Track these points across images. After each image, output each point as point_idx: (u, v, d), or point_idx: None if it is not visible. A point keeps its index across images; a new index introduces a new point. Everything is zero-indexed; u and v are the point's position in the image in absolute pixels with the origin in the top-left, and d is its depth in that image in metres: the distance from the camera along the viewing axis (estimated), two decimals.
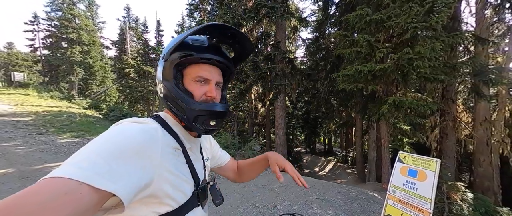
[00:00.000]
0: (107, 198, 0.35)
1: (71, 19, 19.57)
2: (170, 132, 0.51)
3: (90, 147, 0.36)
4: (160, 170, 0.43)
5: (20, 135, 5.15)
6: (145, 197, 0.42)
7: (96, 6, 23.79)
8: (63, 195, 0.29)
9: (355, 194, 3.59)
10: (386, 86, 5.17)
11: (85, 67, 20.20)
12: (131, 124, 0.44)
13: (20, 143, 4.62)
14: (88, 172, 0.32)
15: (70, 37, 19.23)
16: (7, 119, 6.65)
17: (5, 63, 28.79)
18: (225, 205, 2.69)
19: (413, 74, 4.34)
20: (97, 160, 0.34)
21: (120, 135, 0.40)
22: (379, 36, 4.67)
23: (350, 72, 4.73)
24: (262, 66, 7.36)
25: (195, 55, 0.50)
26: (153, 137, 0.44)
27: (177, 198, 0.47)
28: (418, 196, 1.98)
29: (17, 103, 10.29)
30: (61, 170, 0.32)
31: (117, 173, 0.35)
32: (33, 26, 20.79)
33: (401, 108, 4.65)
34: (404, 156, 2.23)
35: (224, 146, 6.02)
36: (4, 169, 3.28)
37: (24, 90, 15.56)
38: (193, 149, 0.57)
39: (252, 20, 7.27)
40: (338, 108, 9.59)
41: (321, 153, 16.32)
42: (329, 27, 8.92)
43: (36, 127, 6.02)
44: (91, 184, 0.32)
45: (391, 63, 4.34)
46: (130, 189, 0.36)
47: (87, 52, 20.10)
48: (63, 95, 16.14)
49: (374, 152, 7.51)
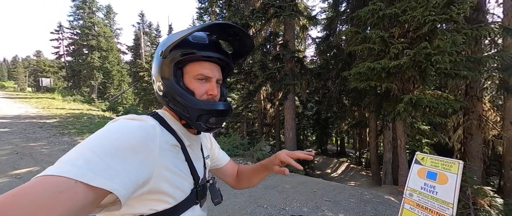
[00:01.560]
0: (104, 195, 0.34)
1: (91, 27, 20.89)
2: (168, 129, 0.50)
3: (85, 144, 0.36)
4: (158, 167, 0.42)
5: (45, 135, 5.56)
6: (142, 194, 0.41)
7: (113, 14, 25.19)
8: (57, 193, 0.29)
9: (369, 197, 3.42)
10: (402, 84, 4.90)
11: (103, 72, 21.44)
12: (128, 121, 0.43)
13: (45, 143, 4.98)
14: (83, 170, 0.32)
15: (90, 44, 20.53)
16: (34, 121, 7.22)
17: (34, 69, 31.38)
18: (233, 206, 2.68)
19: (431, 70, 4.07)
20: (92, 158, 0.33)
21: (117, 132, 0.39)
22: (394, 31, 4.45)
23: (362, 69, 4.55)
24: (270, 66, 7.32)
25: (197, 53, 0.49)
26: (151, 134, 0.43)
27: (175, 196, 0.47)
28: (438, 200, 1.84)
29: (44, 106, 11.15)
30: (56, 168, 0.32)
31: (114, 170, 0.34)
32: (58, 34, 22.46)
33: (419, 106, 4.38)
34: (422, 157, 2.08)
35: (233, 147, 6.05)
36: (31, 167, 3.55)
37: (50, 94, 16.82)
38: (192, 147, 0.56)
39: (260, 20, 7.27)
40: (350, 108, 9.27)
41: (333, 154, 15.86)
42: (340, 24, 8.66)
43: (60, 129, 6.47)
44: (87, 182, 0.31)
45: (407, 59, 4.11)
46: (127, 187, 0.35)
47: (105, 57, 21.32)
48: (84, 98, 17.24)
49: (390, 154, 7.14)
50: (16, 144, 4.65)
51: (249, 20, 7.28)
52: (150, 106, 20.85)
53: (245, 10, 8.14)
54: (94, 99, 18.77)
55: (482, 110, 6.24)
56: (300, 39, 10.46)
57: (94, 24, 21.03)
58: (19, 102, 12.29)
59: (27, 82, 32.80)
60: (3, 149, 4.31)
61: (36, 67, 30.65)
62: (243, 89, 9.65)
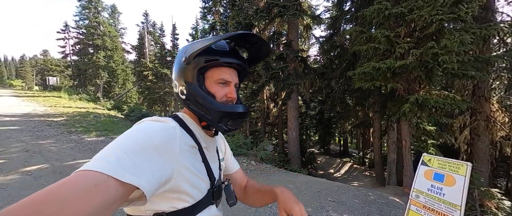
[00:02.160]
0: (132, 191, 0.37)
1: (96, 26, 21.16)
2: (187, 131, 0.53)
3: (116, 143, 0.39)
4: (178, 166, 0.45)
5: (54, 133, 5.69)
6: (164, 192, 0.44)
7: (118, 14, 25.45)
8: (93, 186, 0.32)
9: (373, 198, 3.41)
10: (407, 84, 4.85)
11: (108, 71, 21.71)
12: (152, 123, 0.46)
13: (53, 141, 5.10)
14: (115, 167, 0.35)
15: (95, 43, 20.80)
16: (43, 120, 7.38)
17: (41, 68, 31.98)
18: (238, 204, 2.70)
19: (438, 70, 4.02)
20: (122, 156, 0.37)
21: (142, 132, 0.43)
22: (400, 31, 4.40)
23: (367, 69, 4.51)
24: (274, 65, 7.31)
25: (220, 59, 0.53)
26: (172, 135, 0.46)
27: (193, 195, 0.49)
28: (445, 202, 1.82)
29: (51, 105, 11.37)
30: (92, 163, 0.35)
31: (140, 168, 0.37)
32: (64, 34, 22.80)
33: (425, 107, 4.33)
34: (429, 159, 2.07)
35: (237, 146, 6.08)
36: (41, 164, 3.65)
37: (57, 93, 17.13)
38: (209, 149, 0.58)
39: (264, 19, 7.26)
40: (354, 108, 9.20)
41: (336, 154, 15.78)
42: (344, 23, 8.59)
43: (67, 127, 6.60)
44: (118, 178, 0.34)
45: (413, 59, 4.06)
46: (152, 183, 0.38)
47: (110, 57, 21.57)
48: (90, 97, 17.49)
49: (394, 154, 7.07)
50: (26, 142, 4.76)
51: (252, 19, 7.28)
52: (154, 105, 21.04)
53: (248, 10, 8.14)
54: (100, 97, 19.03)
55: (490, 110, 6.12)
56: (304, 39, 10.42)
57: (99, 24, 21.29)
58: (27, 100, 12.56)
59: (35, 80, 33.48)
60: (14, 146, 4.43)
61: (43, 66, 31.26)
62: (246, 88, 9.66)
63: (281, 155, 7.81)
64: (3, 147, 4.28)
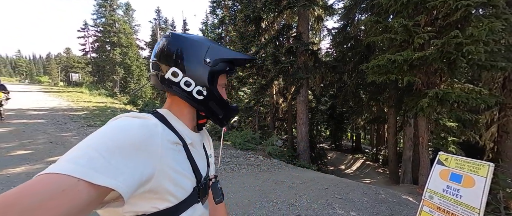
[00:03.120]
0: (106, 193, 0.34)
1: (112, 24, 22.00)
2: (169, 127, 0.50)
3: (87, 142, 0.36)
4: (160, 165, 0.42)
5: (75, 127, 6.10)
6: (145, 192, 0.41)
7: (132, 11, 26.18)
8: (60, 192, 0.29)
9: (384, 196, 3.28)
10: (426, 77, 4.52)
11: (124, 67, 22.66)
12: (130, 119, 0.43)
13: (74, 133, 5.47)
14: (85, 168, 0.32)
15: (111, 41, 21.71)
16: (66, 113, 7.94)
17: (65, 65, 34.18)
18: (243, 199, 2.74)
19: (462, 61, 3.68)
20: (94, 156, 0.33)
21: (119, 130, 0.39)
22: (419, 19, 4.06)
23: (381, 62, 4.26)
24: (283, 59, 7.15)
25: (233, 68, 0.60)
26: (153, 132, 0.43)
27: (177, 194, 0.47)
28: (462, 204, 1.70)
29: (73, 99, 12.17)
30: (58, 166, 0.31)
31: (116, 168, 0.34)
32: (84, 32, 24.06)
33: (445, 102, 4.02)
34: (446, 158, 1.92)
35: (245, 141, 6.12)
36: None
37: (79, 89, 18.29)
38: (195, 144, 0.56)
39: (272, 12, 7.07)
40: (367, 103, 8.82)
41: (347, 150, 15.38)
42: (359, 13, 8.12)
43: (87, 120, 7.04)
44: (89, 180, 0.31)
45: (434, 49, 3.75)
46: (130, 184, 0.35)
47: (125, 53, 22.44)
48: (107, 92, 18.48)
49: (410, 151, 6.73)
50: (50, 134, 5.17)
51: (261, 12, 7.12)
52: None
53: (257, 2, 7.96)
54: (117, 93, 20.04)
55: None
56: (315, 31, 10.03)
57: (115, 21, 22.12)
58: (53, 95, 13.55)
59: (59, 77, 35.96)
60: (41, 138, 4.82)
61: (66, 63, 33.37)
62: (255, 83, 9.60)
63: (290, 150, 7.76)
64: (31, 139, 4.68)
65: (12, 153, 3.80)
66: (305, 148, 7.32)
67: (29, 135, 4.96)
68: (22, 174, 3.06)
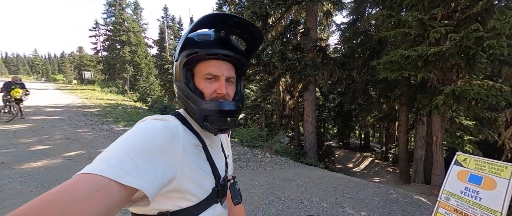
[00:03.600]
0: (134, 192, 0.36)
1: (122, 23, 22.49)
2: (190, 128, 0.51)
3: (118, 144, 0.38)
4: (181, 166, 0.44)
5: (89, 123, 6.34)
6: (168, 191, 0.43)
7: (140, 10, 26.61)
8: (94, 191, 0.31)
9: (395, 196, 3.20)
10: (442, 73, 4.32)
11: (134, 65, 23.20)
12: (154, 122, 0.45)
13: (88, 130, 5.69)
14: (116, 169, 0.34)
15: (121, 39, 22.23)
16: (80, 110, 8.25)
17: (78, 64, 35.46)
18: (251, 196, 2.76)
19: (482, 56, 3.48)
20: (124, 157, 0.36)
21: (144, 132, 0.41)
22: (436, 12, 3.86)
23: (394, 58, 4.11)
24: (290, 56, 7.05)
25: (200, 51, 0.48)
26: (175, 134, 0.45)
27: (197, 194, 0.48)
28: (482, 207, 1.62)
29: (87, 97, 12.63)
30: (93, 166, 0.34)
31: (142, 169, 0.36)
32: (95, 31, 24.74)
33: (462, 99, 3.83)
34: (464, 159, 1.84)
35: (252, 138, 6.13)
36: (79, 150, 4.12)
37: (92, 86, 18.93)
38: (213, 146, 0.56)
39: (280, 8, 6.96)
40: (377, 100, 8.57)
41: (355, 148, 15.12)
42: (369, 7, 7.83)
43: (100, 117, 7.29)
44: (119, 181, 0.33)
45: (451, 44, 3.57)
46: (154, 185, 0.37)
47: (134, 51, 22.94)
48: (118, 90, 19.02)
49: (422, 150, 6.51)
50: (66, 130, 5.39)
51: (268, 8, 7.02)
52: (174, 97, 22.12)
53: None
54: (127, 90, 20.60)
55: None
56: (323, 26, 9.79)
57: (124, 20, 22.60)
58: (67, 93, 14.12)
59: (73, 75, 37.37)
60: (57, 134, 5.05)
61: (79, 61, 34.59)
62: (262, 80, 9.56)
63: (297, 148, 7.71)
64: (49, 135, 4.91)
65: (32, 148, 4.00)
66: (312, 146, 7.25)
67: (47, 131, 5.21)
68: (41, 168, 3.22)
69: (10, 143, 4.13)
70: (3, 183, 2.68)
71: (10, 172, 3.00)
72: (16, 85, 6.02)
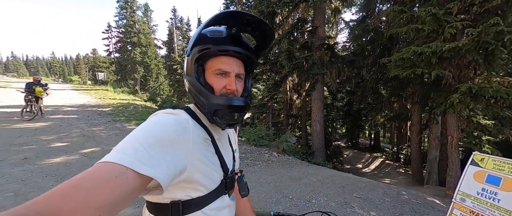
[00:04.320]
0: (149, 181, 0.38)
1: (132, 25, 23.20)
2: (199, 123, 0.53)
3: (133, 136, 0.41)
4: (192, 158, 0.46)
5: (103, 122, 6.61)
6: (179, 182, 0.45)
7: (150, 12, 27.32)
8: (113, 178, 0.34)
9: (407, 197, 3.10)
10: (458, 70, 4.13)
11: (144, 66, 23.88)
12: (166, 115, 0.47)
13: (102, 128, 5.94)
14: (132, 159, 0.36)
15: (132, 41, 22.94)
16: (94, 110, 8.62)
17: (92, 65, 37.00)
18: (258, 194, 2.78)
19: (502, 52, 3.30)
20: (139, 148, 0.38)
21: (156, 125, 0.44)
22: (451, 7, 3.70)
23: (406, 55, 3.97)
24: (297, 55, 6.99)
25: (213, 47, 0.49)
26: (185, 128, 0.47)
27: (207, 185, 0.50)
28: (501, 209, 1.54)
29: (100, 97, 13.16)
30: (112, 155, 0.37)
31: (156, 160, 0.39)
32: (107, 34, 25.68)
33: (480, 97, 3.64)
34: (481, 158, 1.75)
35: (259, 137, 6.14)
36: (94, 147, 4.31)
37: (105, 87, 19.68)
38: (221, 140, 0.58)
39: (287, 6, 6.91)
40: (388, 99, 8.32)
41: (365, 148, 14.75)
42: (379, 3, 7.61)
43: (113, 116, 7.59)
44: (135, 170, 0.36)
45: (468, 40, 3.40)
46: (167, 174, 0.40)
47: (144, 52, 23.60)
48: (129, 90, 19.65)
49: (436, 151, 6.26)
50: (82, 128, 5.66)
51: (275, 7, 6.99)
52: (183, 96, 22.56)
53: None
54: (137, 90, 21.25)
55: None
56: (331, 24, 9.63)
57: (135, 22, 23.30)
58: (82, 93, 14.78)
59: (87, 76, 39.03)
60: (74, 132, 5.31)
61: (93, 63, 36.10)
62: (268, 79, 9.54)
63: (305, 147, 7.64)
64: (66, 132, 5.17)
65: (52, 145, 4.24)
66: (320, 145, 7.16)
67: (64, 129, 5.49)
68: (60, 163, 3.40)
69: (32, 140, 4.40)
70: (27, 177, 2.86)
71: (33, 167, 3.19)
72: (37, 84, 6.39)
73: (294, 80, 8.89)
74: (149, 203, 0.50)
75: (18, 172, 2.99)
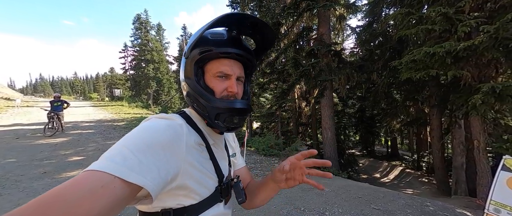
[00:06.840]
0: (138, 190, 0.36)
1: (146, 43, 24.78)
2: (194, 128, 0.52)
3: (123, 142, 0.39)
4: (184, 164, 0.44)
5: (117, 135, 6.89)
6: (171, 189, 0.43)
7: (163, 30, 29.18)
8: (99, 187, 0.32)
9: (433, 209, 2.82)
10: (477, 70, 3.88)
11: (156, 81, 25.06)
12: (158, 120, 0.46)
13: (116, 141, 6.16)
14: (121, 167, 0.34)
15: (146, 58, 24.37)
16: (110, 124, 9.04)
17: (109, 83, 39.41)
18: (268, 206, 2.66)
19: None
20: (128, 155, 0.36)
21: (148, 130, 0.42)
22: (463, 5, 3.56)
23: (417, 56, 3.83)
24: (304, 63, 6.99)
25: (214, 50, 0.48)
26: (178, 133, 0.45)
27: (200, 192, 0.48)
28: None
29: (116, 112, 13.83)
30: (99, 163, 0.35)
31: (146, 166, 0.37)
32: (124, 53, 27.59)
33: (506, 97, 3.36)
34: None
35: (268, 147, 6.04)
36: None
37: (121, 102, 20.73)
38: (217, 145, 0.56)
39: (291, 16, 7.04)
40: (403, 103, 7.94)
41: (382, 156, 13.93)
42: (386, 7, 7.54)
43: (127, 130, 7.90)
44: (123, 178, 0.34)
45: (485, 37, 3.22)
46: (157, 182, 0.37)
47: (157, 68, 24.88)
48: (143, 104, 20.52)
49: (462, 158, 5.75)
50: (98, 142, 5.91)
51: (280, 18, 7.15)
52: None
53: (276, 8, 8.05)
54: (150, 104, 22.13)
55: None
56: (337, 31, 9.63)
57: (148, 41, 24.91)
58: (100, 109, 15.63)
59: (105, 93, 41.52)
60: (90, 146, 5.55)
61: (110, 80, 38.47)
62: (276, 88, 9.55)
63: (316, 156, 7.35)
64: (83, 147, 5.42)
65: (70, 159, 4.44)
66: (333, 154, 6.87)
67: (82, 143, 5.76)
68: None
69: (52, 155, 4.64)
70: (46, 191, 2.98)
71: (51, 180, 3.33)
72: (58, 100, 6.87)
73: (302, 87, 8.83)
74: (140, 213, 0.48)
75: (38, 185, 3.13)
